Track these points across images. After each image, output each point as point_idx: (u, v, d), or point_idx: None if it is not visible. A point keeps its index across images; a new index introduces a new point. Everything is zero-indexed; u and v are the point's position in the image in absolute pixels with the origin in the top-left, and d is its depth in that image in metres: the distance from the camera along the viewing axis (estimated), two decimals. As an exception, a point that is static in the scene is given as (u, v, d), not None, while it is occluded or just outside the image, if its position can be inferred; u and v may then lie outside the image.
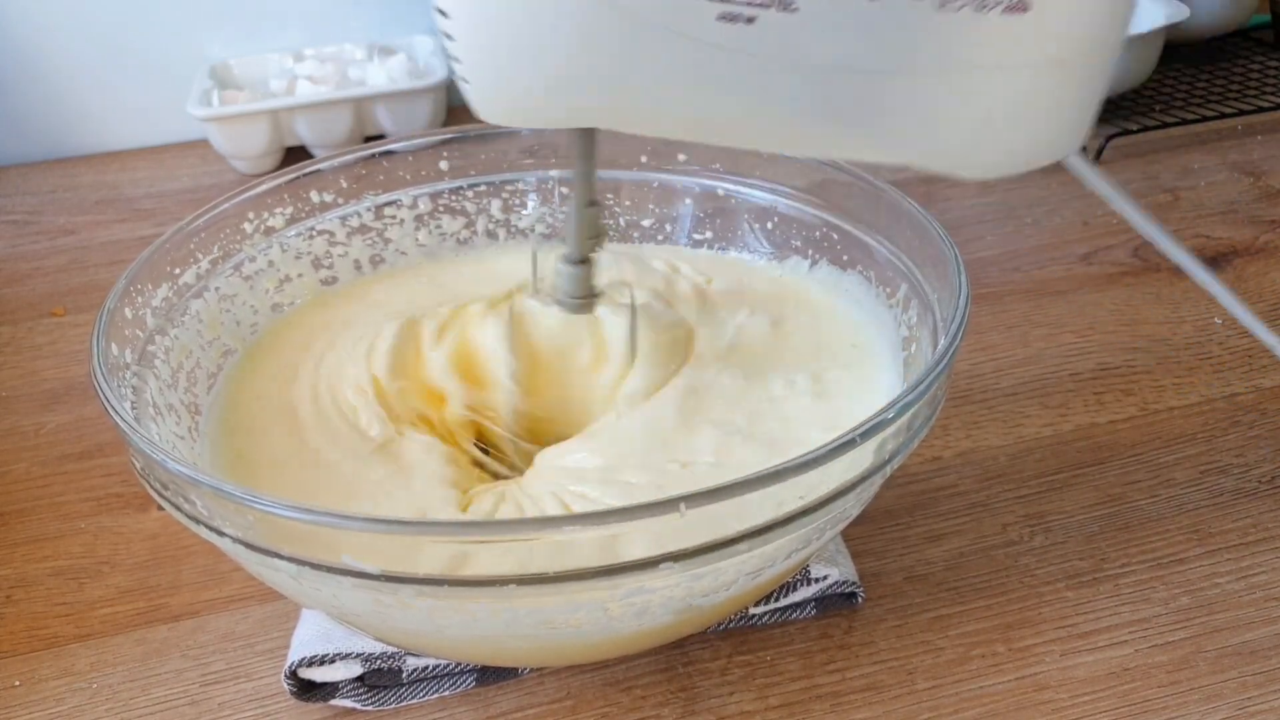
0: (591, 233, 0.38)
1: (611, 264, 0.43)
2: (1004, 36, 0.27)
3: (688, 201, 0.50)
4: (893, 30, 0.27)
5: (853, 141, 0.31)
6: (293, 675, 0.37)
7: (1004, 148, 0.31)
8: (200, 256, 0.43)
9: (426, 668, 0.37)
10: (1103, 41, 0.29)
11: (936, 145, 0.30)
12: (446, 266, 0.50)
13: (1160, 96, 0.83)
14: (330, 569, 0.28)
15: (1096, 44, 0.29)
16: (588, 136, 0.35)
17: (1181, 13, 0.78)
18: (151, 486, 0.32)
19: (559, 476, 0.36)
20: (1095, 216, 0.67)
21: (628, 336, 0.40)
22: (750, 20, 0.27)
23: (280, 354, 0.44)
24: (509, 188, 0.51)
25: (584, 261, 0.38)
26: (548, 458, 0.37)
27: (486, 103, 0.31)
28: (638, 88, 0.29)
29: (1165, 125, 0.77)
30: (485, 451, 0.40)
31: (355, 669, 0.37)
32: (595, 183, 0.37)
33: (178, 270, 0.42)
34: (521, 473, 0.38)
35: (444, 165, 0.49)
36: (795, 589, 0.39)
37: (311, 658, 0.37)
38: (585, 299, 0.39)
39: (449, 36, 0.29)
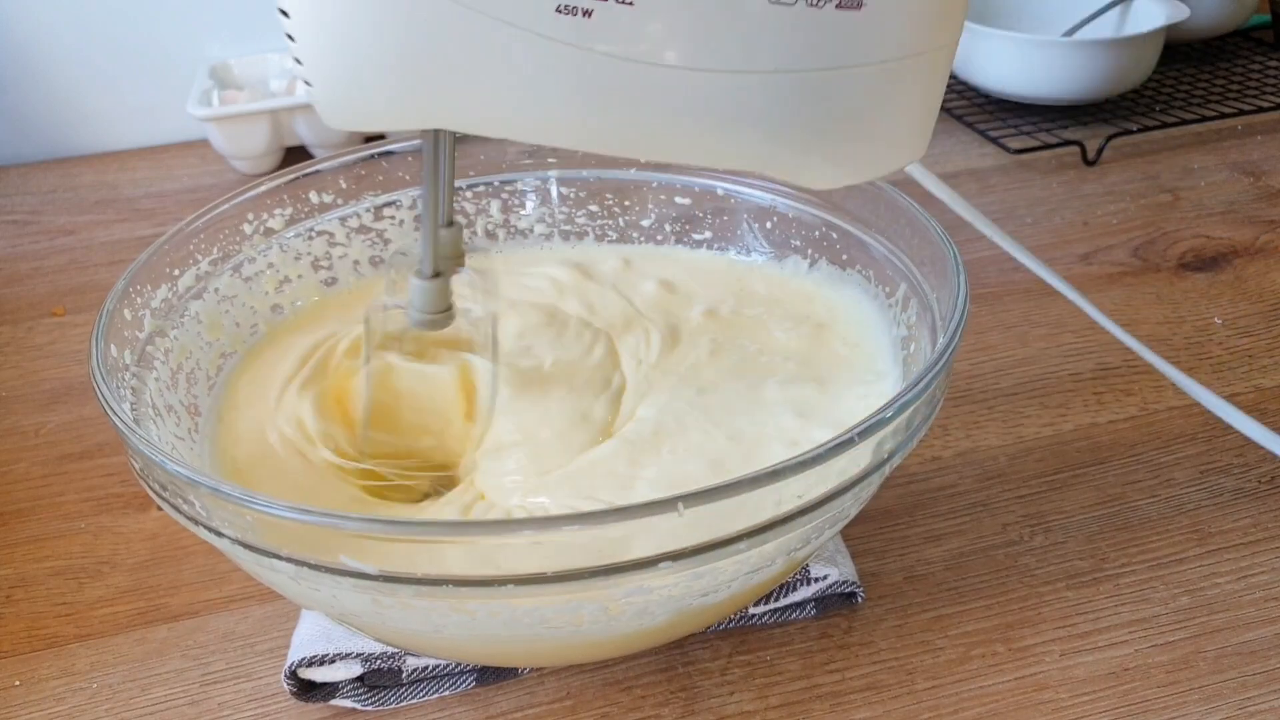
0: (449, 253, 0.36)
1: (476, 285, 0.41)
2: (839, 34, 0.27)
3: (687, 201, 0.50)
4: (728, 25, 0.27)
5: (696, 145, 0.30)
6: (293, 675, 0.37)
7: (843, 154, 0.31)
8: (200, 257, 0.43)
9: (426, 668, 0.37)
10: (938, 43, 0.29)
11: (777, 150, 0.30)
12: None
13: (1160, 96, 0.83)
14: (329, 569, 0.28)
15: (932, 44, 0.29)
16: (442, 141, 0.34)
17: (1181, 13, 0.78)
18: (150, 487, 0.32)
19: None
20: (1095, 217, 0.67)
21: (489, 385, 0.39)
22: (588, 13, 0.26)
23: (280, 355, 0.44)
24: (508, 188, 0.51)
25: (437, 275, 0.37)
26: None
27: (332, 107, 0.30)
28: (484, 87, 0.28)
29: (1165, 125, 0.77)
30: None
31: (355, 669, 0.37)
32: (452, 197, 0.36)
33: (177, 271, 0.42)
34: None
35: (443, 165, 0.49)
36: (795, 589, 0.39)
37: (311, 658, 0.37)
38: (438, 315, 0.37)
39: (291, 38, 0.29)
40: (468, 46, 0.27)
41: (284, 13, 0.28)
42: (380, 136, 0.80)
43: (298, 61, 0.29)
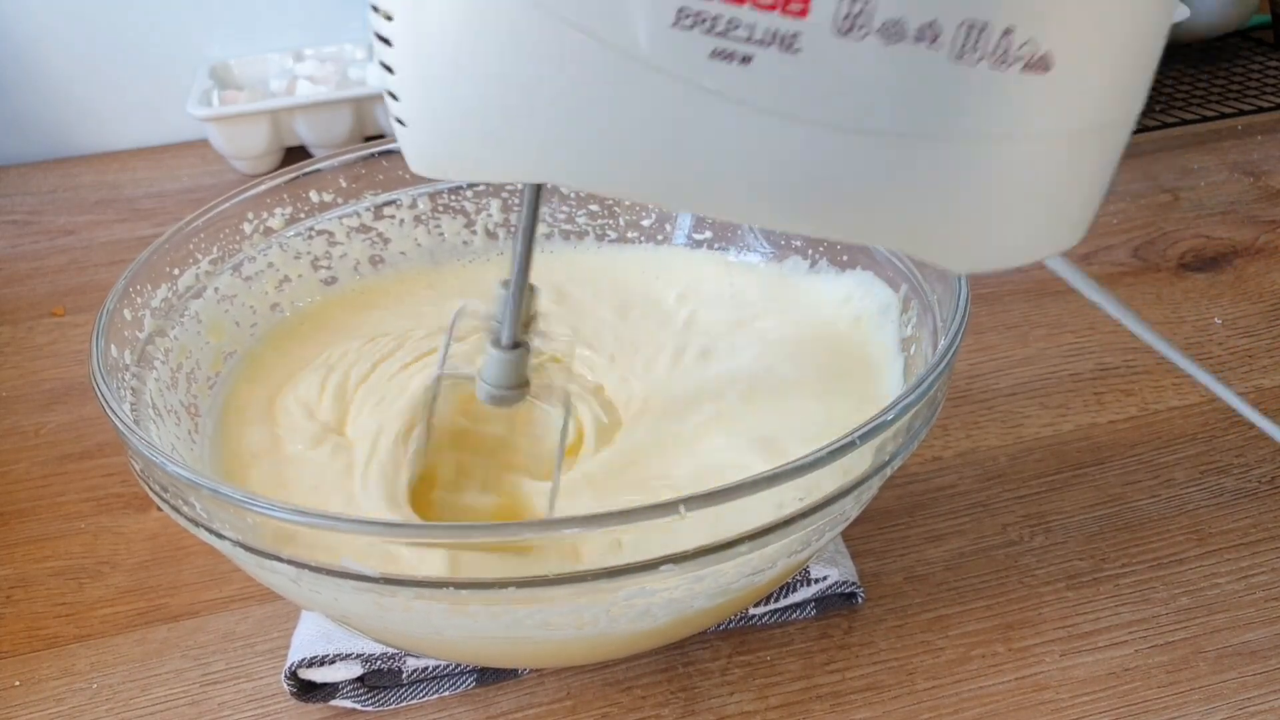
0: (528, 316, 0.33)
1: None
2: (1020, 99, 0.24)
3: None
4: (903, 82, 0.24)
5: (840, 217, 0.27)
6: (293, 676, 0.37)
7: (1001, 233, 0.28)
8: (200, 257, 0.43)
9: (426, 668, 0.37)
10: (1122, 115, 0.27)
11: (933, 226, 0.27)
12: (446, 271, 0.50)
13: (1160, 96, 0.83)
14: (330, 572, 0.28)
15: (1116, 116, 0.26)
16: (538, 196, 0.31)
17: (1181, 13, 0.78)
18: (151, 489, 0.32)
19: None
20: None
21: (558, 439, 0.36)
22: (746, 60, 0.24)
23: (281, 355, 0.44)
24: (509, 188, 0.51)
25: (517, 346, 0.33)
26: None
27: (427, 151, 0.27)
28: (612, 140, 0.25)
29: (1165, 125, 0.77)
30: None
31: (355, 669, 0.37)
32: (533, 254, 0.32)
33: (177, 271, 0.42)
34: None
35: (444, 165, 0.49)
36: (795, 589, 0.39)
37: (311, 658, 0.37)
38: (515, 389, 0.34)
39: (388, 69, 0.26)
40: (599, 90, 0.24)
41: (385, 40, 0.25)
42: (381, 136, 0.80)
43: (392, 97, 0.26)
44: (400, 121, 0.26)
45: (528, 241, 0.31)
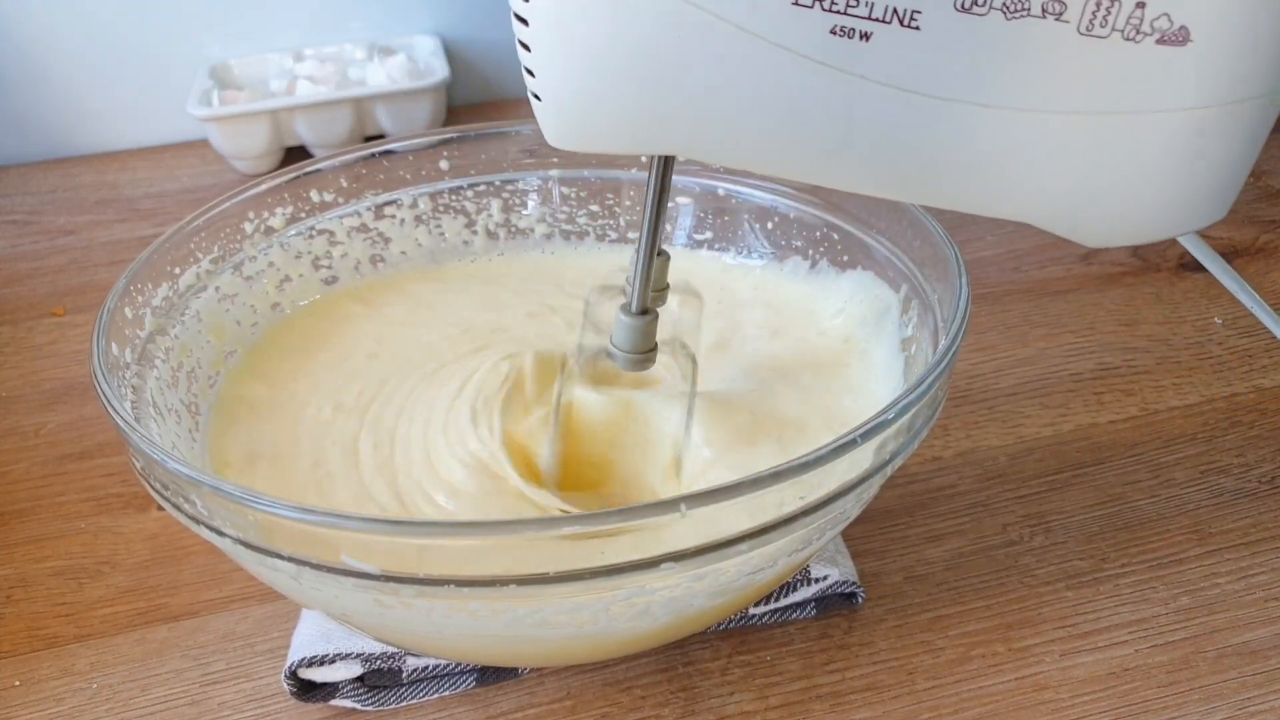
0: (658, 284, 0.35)
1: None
2: (1157, 73, 0.24)
3: (688, 201, 0.50)
4: (1027, 57, 0.24)
5: (963, 189, 0.27)
6: (293, 675, 0.37)
7: (1135, 209, 0.27)
8: (200, 256, 0.43)
9: (426, 668, 0.37)
10: (1264, 88, 0.25)
11: (1061, 200, 0.27)
12: (447, 272, 0.50)
13: (1160, 97, 0.82)
14: (330, 569, 0.28)
15: (1257, 89, 0.25)
16: (667, 168, 0.32)
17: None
18: (151, 486, 0.32)
19: None
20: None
21: (682, 426, 0.37)
22: (866, 36, 0.24)
23: (281, 354, 0.44)
24: (509, 188, 0.51)
25: (645, 313, 0.35)
26: None
27: (562, 124, 0.28)
28: (732, 112, 0.26)
29: (1165, 125, 0.77)
30: None
31: (355, 669, 0.37)
32: (664, 226, 0.33)
33: (178, 270, 0.42)
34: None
35: (444, 165, 0.49)
36: (795, 589, 0.39)
37: (311, 658, 0.37)
38: (645, 354, 0.35)
39: (526, 47, 0.27)
40: (723, 66, 0.25)
41: (522, 19, 0.26)
42: (380, 136, 0.80)
43: (529, 73, 0.27)
44: (536, 96, 0.28)
45: (655, 210, 0.32)
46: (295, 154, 0.80)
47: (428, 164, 0.49)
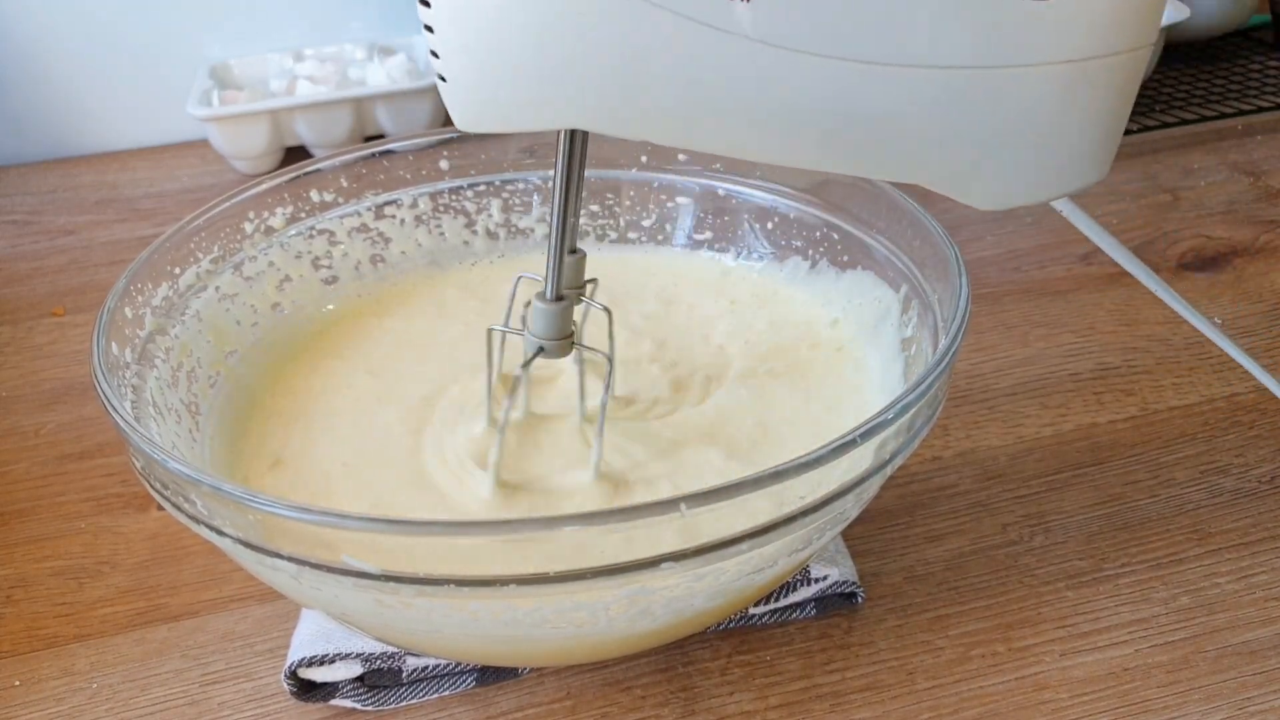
0: (573, 282, 0.35)
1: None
2: (1024, 26, 0.25)
3: (688, 201, 0.50)
4: (900, 13, 0.25)
5: (854, 151, 0.28)
6: (293, 675, 0.37)
7: (1016, 168, 0.28)
8: (200, 256, 0.43)
9: (426, 668, 0.37)
10: (1133, 43, 0.27)
11: (943, 159, 0.28)
12: (449, 273, 0.50)
13: (1160, 96, 0.83)
14: (330, 569, 0.28)
15: (1126, 44, 0.26)
16: (574, 144, 0.32)
17: (1181, 13, 0.78)
18: (152, 486, 0.32)
19: None
20: (1095, 216, 0.67)
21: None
22: None
23: (281, 354, 0.44)
24: (509, 188, 0.51)
25: (560, 299, 0.35)
26: None
27: (466, 104, 0.28)
28: (629, 80, 0.26)
29: (1165, 125, 0.77)
30: None
31: (355, 669, 0.37)
32: (578, 223, 0.34)
33: (178, 270, 0.42)
34: None
35: (444, 165, 0.49)
36: (795, 589, 0.39)
37: (311, 658, 0.37)
38: (560, 340, 0.35)
39: (429, 29, 0.27)
40: (614, 34, 0.26)
41: (424, 2, 0.27)
42: (380, 136, 0.80)
43: (434, 55, 0.28)
44: (442, 78, 0.28)
45: (564, 191, 0.32)
46: (295, 154, 0.80)
47: (428, 164, 0.49)
